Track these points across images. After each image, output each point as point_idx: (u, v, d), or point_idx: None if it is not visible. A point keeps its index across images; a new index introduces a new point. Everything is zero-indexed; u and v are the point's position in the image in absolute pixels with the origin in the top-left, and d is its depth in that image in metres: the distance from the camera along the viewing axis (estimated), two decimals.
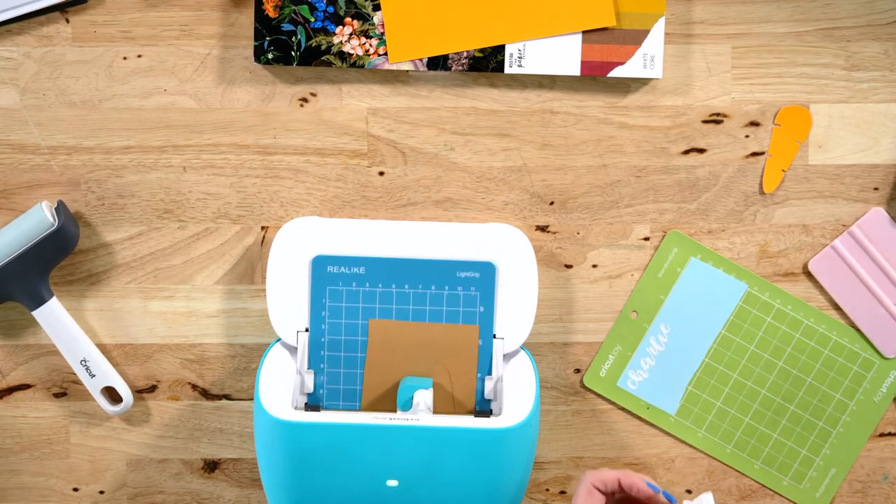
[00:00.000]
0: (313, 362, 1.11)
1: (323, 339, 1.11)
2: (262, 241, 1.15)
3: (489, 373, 1.11)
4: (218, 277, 1.15)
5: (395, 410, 1.11)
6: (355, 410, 1.11)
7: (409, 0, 1.12)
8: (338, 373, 1.11)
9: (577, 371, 1.17)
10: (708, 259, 1.15)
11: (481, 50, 1.13)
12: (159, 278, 1.15)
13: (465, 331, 1.11)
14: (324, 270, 1.10)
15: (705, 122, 1.15)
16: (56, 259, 1.11)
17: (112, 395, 1.15)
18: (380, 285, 1.11)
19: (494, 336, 1.11)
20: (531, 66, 1.13)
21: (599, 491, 1.01)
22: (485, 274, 1.11)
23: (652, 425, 1.17)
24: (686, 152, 1.15)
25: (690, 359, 1.16)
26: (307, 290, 1.11)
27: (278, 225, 1.15)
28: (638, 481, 1.00)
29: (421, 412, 1.07)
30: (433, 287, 1.11)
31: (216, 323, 1.16)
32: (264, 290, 1.15)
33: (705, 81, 1.15)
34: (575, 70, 1.13)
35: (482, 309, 1.11)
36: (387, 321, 1.11)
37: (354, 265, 1.10)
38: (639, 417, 1.17)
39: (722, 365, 1.16)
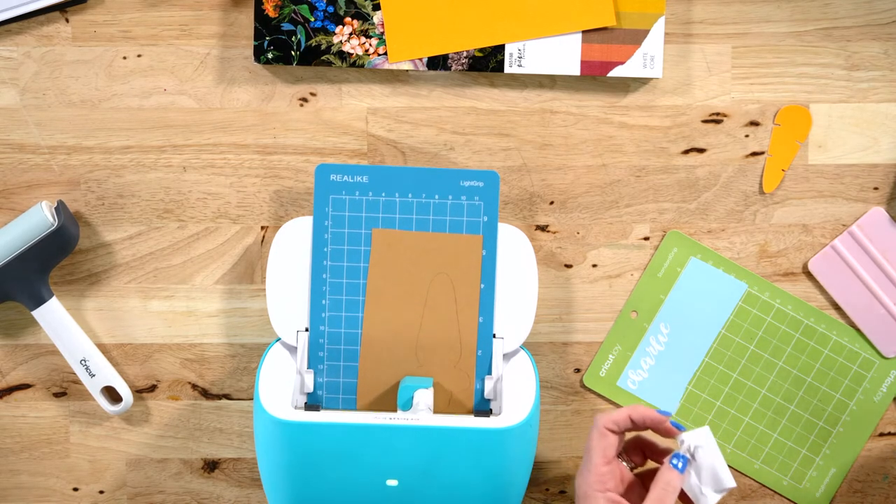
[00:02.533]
0: (313, 360, 1.11)
1: (326, 250, 1.10)
2: (262, 241, 1.15)
3: (489, 372, 1.11)
4: (218, 277, 1.15)
5: (397, 337, 1.11)
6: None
7: (409, 0, 1.12)
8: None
9: (577, 371, 1.17)
10: (708, 259, 1.15)
11: (481, 50, 1.13)
12: (159, 278, 1.15)
13: (469, 241, 1.10)
14: (327, 179, 1.10)
15: (705, 121, 1.15)
16: (56, 259, 1.11)
17: (112, 394, 1.15)
18: (383, 194, 1.10)
19: (494, 336, 1.11)
20: (531, 66, 1.13)
21: (612, 432, 1.02)
22: (488, 183, 1.10)
23: None
24: (686, 152, 1.15)
25: (690, 358, 1.16)
26: (307, 290, 1.11)
27: (278, 225, 1.15)
28: (648, 411, 1.02)
29: (421, 412, 1.07)
30: (437, 196, 1.10)
31: (216, 323, 1.16)
32: (264, 289, 1.15)
33: (705, 81, 1.15)
34: (575, 70, 1.13)
35: (486, 219, 1.10)
36: (390, 231, 1.10)
37: (357, 174, 1.10)
38: None
39: (722, 365, 1.16)
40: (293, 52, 1.12)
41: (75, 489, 1.17)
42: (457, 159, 1.15)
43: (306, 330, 1.11)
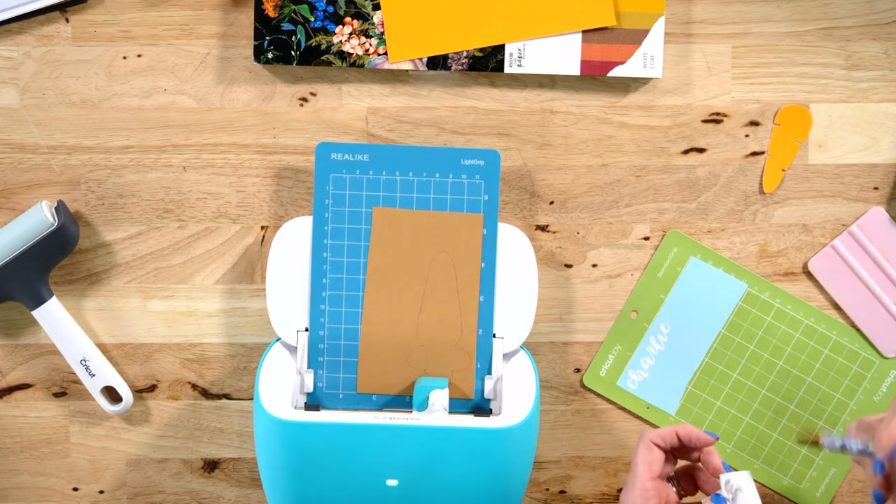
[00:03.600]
0: (313, 360, 1.11)
1: (326, 228, 1.10)
2: (262, 241, 1.15)
3: (489, 372, 1.11)
4: (218, 277, 1.15)
5: (398, 316, 1.11)
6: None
7: (409, 0, 1.12)
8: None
9: (577, 371, 1.17)
10: (708, 259, 1.15)
11: (481, 50, 1.13)
12: (159, 278, 1.15)
13: (469, 219, 1.10)
14: (327, 157, 1.10)
15: (705, 121, 1.15)
16: (56, 259, 1.11)
17: (112, 394, 1.15)
18: (384, 173, 1.10)
19: (494, 335, 1.11)
20: (531, 66, 1.13)
21: (658, 448, 1.02)
22: (489, 161, 1.10)
23: (652, 425, 1.17)
24: (686, 152, 1.15)
25: (690, 358, 1.16)
26: (307, 290, 1.11)
27: (278, 225, 1.15)
28: (695, 430, 1.02)
29: (437, 412, 1.06)
30: (437, 175, 1.10)
31: (216, 322, 1.16)
32: (264, 289, 1.15)
33: (705, 81, 1.15)
34: (575, 70, 1.13)
35: (486, 197, 1.10)
36: (390, 209, 1.10)
37: (358, 152, 1.10)
38: (639, 417, 1.17)
39: (722, 364, 1.16)
40: (293, 52, 1.12)
41: (75, 489, 1.17)
42: None
43: (306, 330, 1.11)
